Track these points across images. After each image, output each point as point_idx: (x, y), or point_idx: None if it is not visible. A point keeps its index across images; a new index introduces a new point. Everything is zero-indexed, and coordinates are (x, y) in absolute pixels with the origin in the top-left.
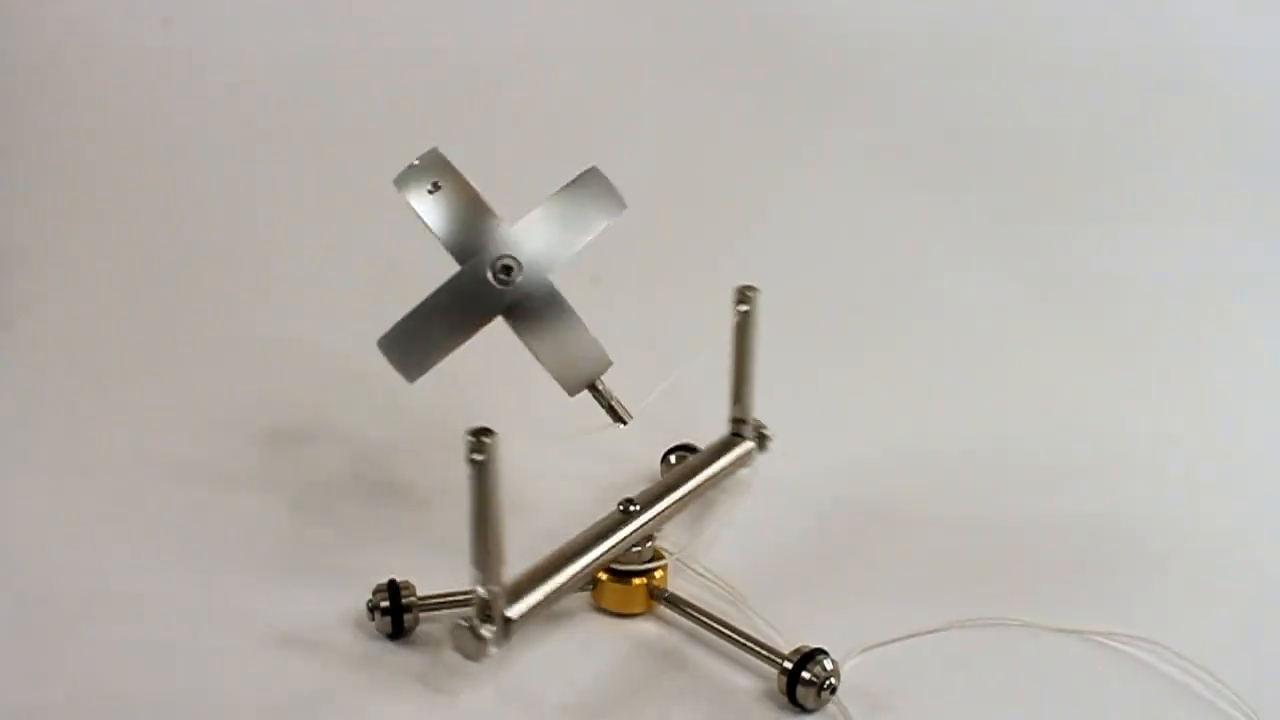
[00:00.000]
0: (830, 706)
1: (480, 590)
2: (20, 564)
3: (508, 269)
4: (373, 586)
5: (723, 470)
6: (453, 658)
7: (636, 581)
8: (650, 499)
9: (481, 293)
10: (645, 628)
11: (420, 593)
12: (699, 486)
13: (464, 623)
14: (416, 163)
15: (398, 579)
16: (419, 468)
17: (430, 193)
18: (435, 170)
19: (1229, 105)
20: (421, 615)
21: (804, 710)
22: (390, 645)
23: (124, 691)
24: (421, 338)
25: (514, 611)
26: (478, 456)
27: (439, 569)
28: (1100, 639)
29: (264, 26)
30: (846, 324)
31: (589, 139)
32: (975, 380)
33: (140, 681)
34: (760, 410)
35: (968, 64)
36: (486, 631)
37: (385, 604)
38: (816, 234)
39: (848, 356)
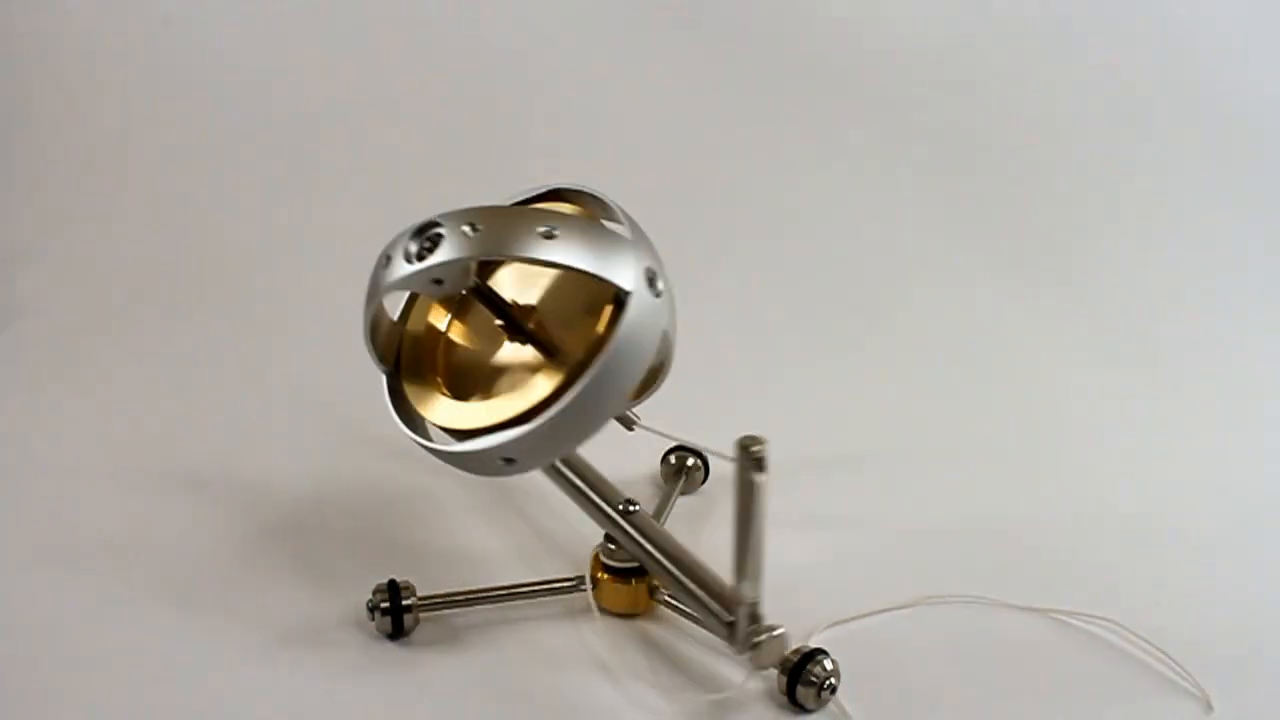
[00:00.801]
0: (830, 706)
1: (749, 600)
2: (18, 563)
3: (653, 280)
4: (373, 586)
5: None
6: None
7: (636, 581)
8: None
9: (650, 311)
10: (645, 628)
11: (420, 593)
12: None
13: (769, 636)
14: (475, 228)
15: (398, 579)
16: (420, 468)
17: (549, 238)
18: (533, 218)
19: (1231, 106)
20: (421, 615)
21: (804, 710)
22: (390, 645)
23: (124, 692)
24: (603, 399)
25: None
26: (758, 467)
27: (439, 570)
28: (1063, 617)
29: (264, 25)
30: (838, 320)
31: (588, 139)
32: (960, 376)
33: (141, 682)
34: (753, 404)
35: (967, 65)
36: (774, 630)
37: (385, 604)
38: (815, 234)
39: (840, 353)
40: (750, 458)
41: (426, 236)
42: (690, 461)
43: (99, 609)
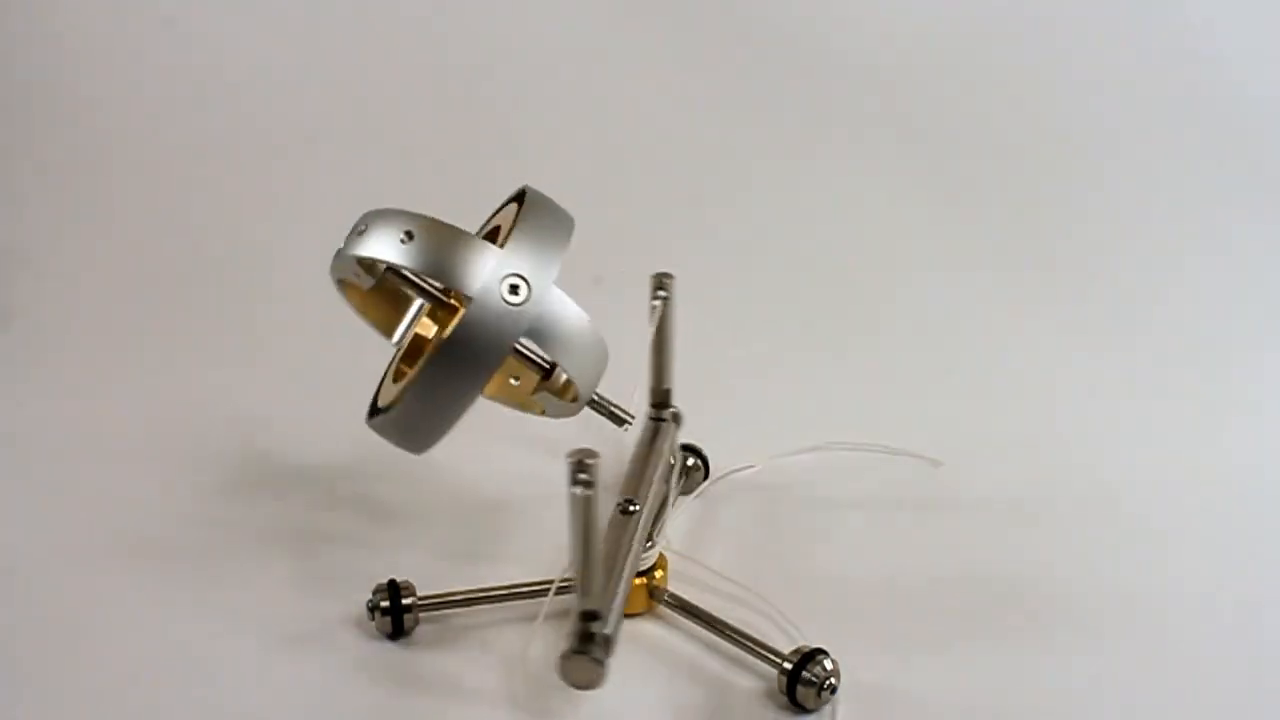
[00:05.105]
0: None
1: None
2: (19, 564)
3: (515, 288)
4: (373, 586)
5: (664, 456)
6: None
7: (637, 581)
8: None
9: (501, 319)
10: (645, 628)
11: (420, 593)
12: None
13: (581, 653)
14: (363, 227)
15: (398, 579)
16: (420, 468)
17: (404, 242)
18: (398, 220)
19: (1231, 105)
20: (421, 615)
21: (804, 710)
22: (390, 645)
23: (123, 691)
24: (442, 395)
25: (609, 629)
26: (583, 479)
27: (439, 570)
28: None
29: (266, 27)
30: (835, 317)
31: (587, 139)
32: (947, 373)
33: (140, 681)
34: (752, 402)
35: (965, 63)
36: (602, 655)
37: (385, 604)
38: (815, 233)
39: (836, 352)
40: (574, 470)
41: (354, 230)
42: (690, 461)
43: (97, 608)
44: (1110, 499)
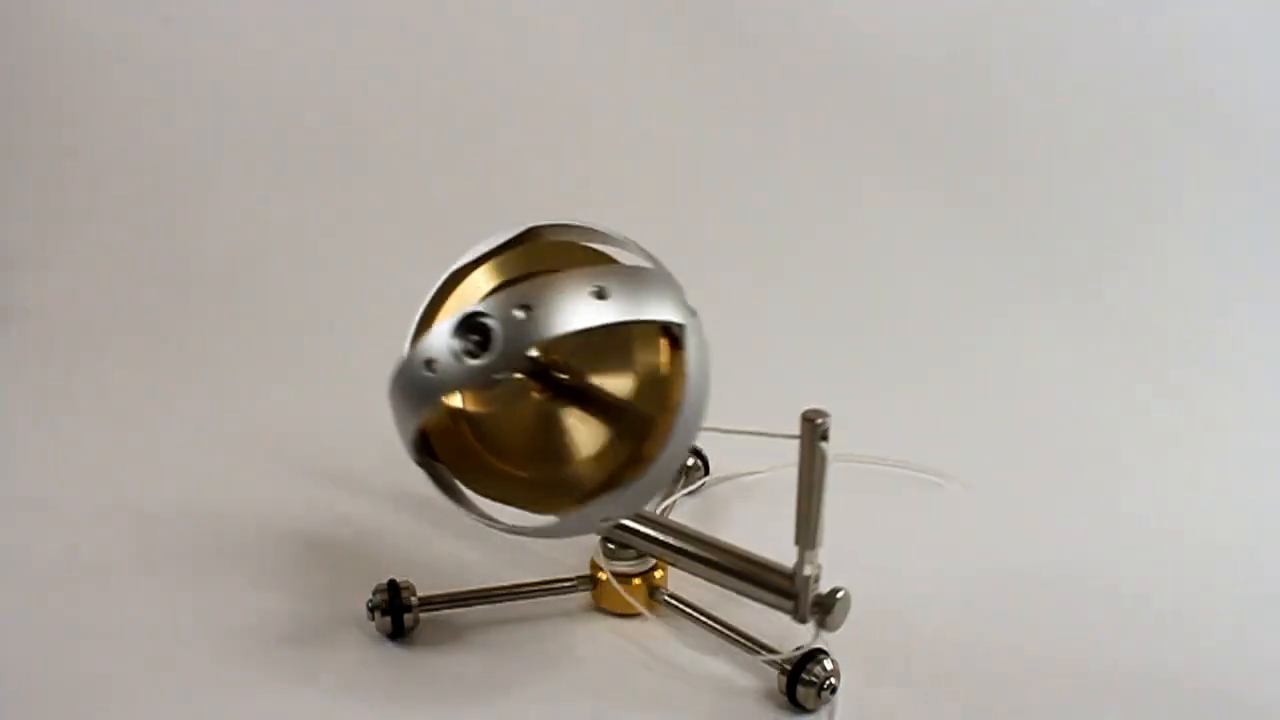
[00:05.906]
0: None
1: (811, 569)
2: (17, 565)
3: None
4: (373, 587)
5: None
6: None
7: (636, 581)
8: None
9: (700, 332)
10: (645, 628)
11: (420, 593)
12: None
13: (834, 593)
14: (523, 308)
15: (398, 579)
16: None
17: (600, 297)
18: (576, 281)
19: (1232, 108)
20: (421, 615)
21: (804, 710)
22: (390, 645)
23: (124, 694)
24: (692, 431)
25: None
26: (822, 437)
27: (438, 569)
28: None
29: (265, 26)
30: (845, 325)
31: (591, 142)
32: (944, 370)
33: (140, 684)
34: (757, 407)
35: (970, 67)
36: (838, 591)
37: (385, 604)
38: (829, 239)
39: (840, 353)
40: (815, 429)
41: (471, 329)
42: (690, 461)
43: (97, 609)
44: (1113, 502)
